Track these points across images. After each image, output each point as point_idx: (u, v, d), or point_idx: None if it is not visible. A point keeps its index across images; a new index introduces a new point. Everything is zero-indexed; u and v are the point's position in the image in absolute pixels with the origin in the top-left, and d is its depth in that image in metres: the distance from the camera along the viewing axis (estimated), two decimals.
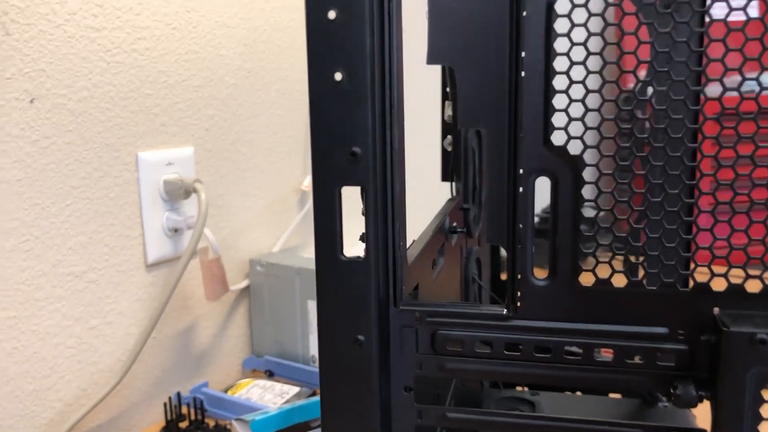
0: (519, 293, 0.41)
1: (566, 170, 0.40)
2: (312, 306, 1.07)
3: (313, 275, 1.13)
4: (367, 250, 0.41)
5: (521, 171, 0.41)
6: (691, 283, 0.40)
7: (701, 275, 0.39)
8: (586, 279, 0.41)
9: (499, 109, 0.40)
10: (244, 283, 1.13)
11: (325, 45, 0.38)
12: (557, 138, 0.40)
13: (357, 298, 0.40)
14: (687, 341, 0.39)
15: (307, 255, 1.14)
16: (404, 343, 0.42)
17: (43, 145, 0.84)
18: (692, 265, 0.40)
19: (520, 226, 0.41)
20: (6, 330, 0.81)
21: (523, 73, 0.40)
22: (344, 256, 0.41)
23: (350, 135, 0.39)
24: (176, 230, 0.99)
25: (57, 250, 0.86)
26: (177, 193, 0.97)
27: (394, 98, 0.40)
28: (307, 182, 1.22)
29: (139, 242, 0.96)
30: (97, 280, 0.91)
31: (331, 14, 0.38)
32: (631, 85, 0.40)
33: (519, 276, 0.41)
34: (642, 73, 0.39)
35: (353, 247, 0.41)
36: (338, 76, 0.38)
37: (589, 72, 0.39)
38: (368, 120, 0.39)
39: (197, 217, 0.95)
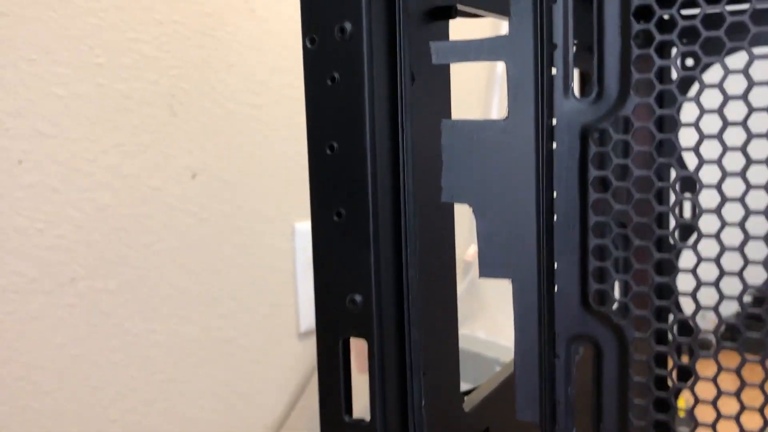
0: None
1: (611, 339, 0.31)
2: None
3: (474, 359, 1.07)
4: (372, 412, 0.35)
5: (557, 334, 0.32)
6: None
7: None
8: None
9: (527, 259, 0.32)
10: None
11: (326, 177, 0.34)
12: (598, 297, 0.31)
13: None
14: None
15: (465, 331, 1.08)
16: None
17: (202, 216, 0.88)
18: None
19: (559, 402, 0.32)
20: (160, 391, 0.85)
21: (555, 217, 0.32)
22: (349, 417, 0.36)
23: (351, 279, 0.34)
24: None
25: (208, 315, 0.89)
26: None
27: (410, 237, 0.34)
28: (472, 251, 1.16)
29: (292, 311, 0.97)
30: (247, 346, 0.93)
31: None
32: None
33: None
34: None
35: None
36: (337, 213, 0.34)
37: (635, 218, 0.30)
38: (370, 262, 0.33)
39: None
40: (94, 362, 0.82)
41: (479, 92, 1.34)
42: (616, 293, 0.31)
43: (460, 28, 0.38)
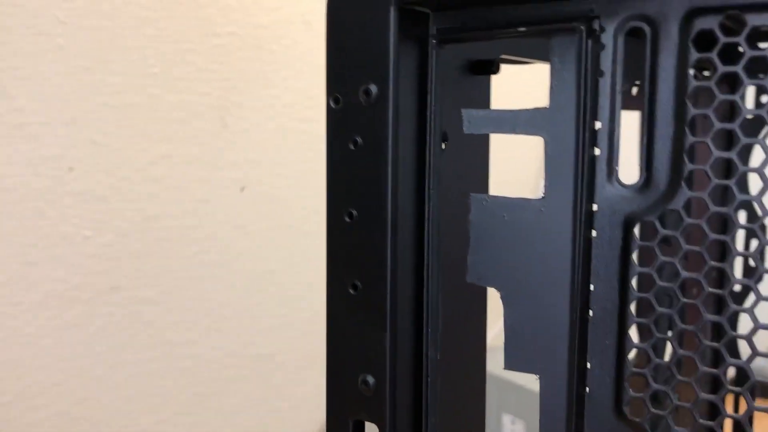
0: None
1: None
2: (507, 420, 0.97)
3: (512, 387, 1.03)
4: None
5: None
6: None
7: None
8: None
9: (557, 356, 0.29)
10: None
11: (343, 246, 0.31)
12: (635, 405, 0.28)
13: None
14: None
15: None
16: None
17: (248, 230, 0.87)
18: None
19: None
20: (193, 403, 0.85)
21: (590, 312, 0.28)
22: None
23: (364, 359, 0.31)
24: None
25: (248, 330, 0.89)
26: None
27: (432, 315, 0.31)
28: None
29: None
30: (284, 363, 0.92)
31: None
32: None
33: None
34: None
35: None
36: (353, 285, 0.31)
37: (680, 325, 0.26)
38: (386, 342, 0.31)
39: None
40: (131, 371, 0.82)
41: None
42: (655, 403, 0.27)
43: None
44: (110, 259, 0.79)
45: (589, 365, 0.28)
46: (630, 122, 0.30)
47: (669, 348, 0.27)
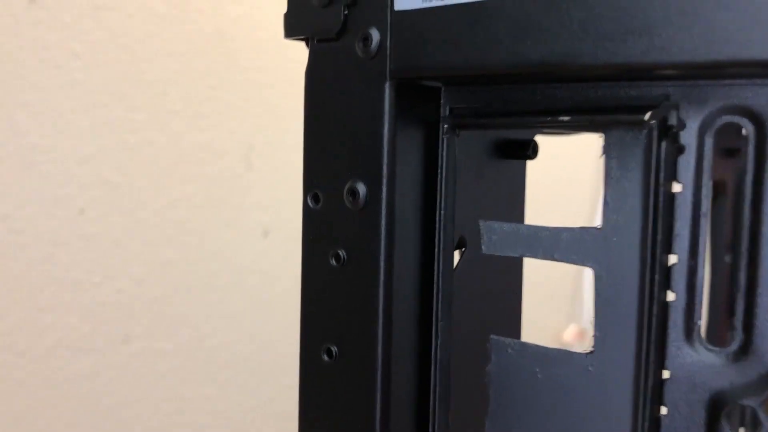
0: None
1: None
2: None
3: None
4: None
5: None
6: None
7: None
8: None
9: None
10: None
11: (318, 392, 0.24)
12: None
13: None
14: None
15: None
16: None
17: (272, 277, 0.81)
18: None
19: None
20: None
21: None
22: None
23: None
24: None
25: (271, 386, 0.83)
26: None
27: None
28: (571, 331, 1.02)
29: None
30: None
31: None
32: None
33: None
34: None
35: None
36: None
37: None
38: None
39: None
40: (145, 426, 0.77)
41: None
42: None
43: None
44: (123, 307, 0.74)
45: None
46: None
47: None
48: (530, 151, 0.25)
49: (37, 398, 0.70)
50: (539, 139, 0.25)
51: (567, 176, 1.03)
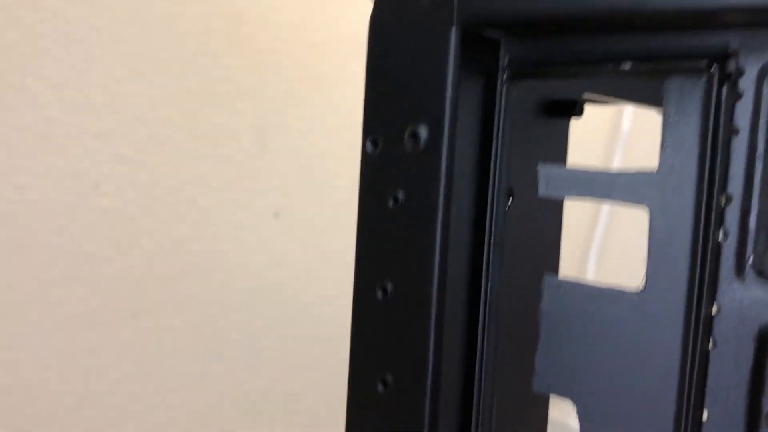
0: None
1: None
2: None
3: None
4: None
5: None
6: None
7: None
8: None
9: None
10: None
11: (372, 329, 0.25)
12: None
13: None
14: None
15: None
16: None
17: (281, 260, 0.82)
18: None
19: None
20: None
21: None
22: None
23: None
24: None
25: (277, 367, 0.83)
26: None
27: (482, 430, 0.24)
28: None
29: None
30: (314, 405, 0.86)
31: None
32: None
33: None
34: None
35: None
36: (382, 382, 0.24)
37: None
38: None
39: None
40: (149, 403, 0.77)
41: (594, 149, 1.21)
42: None
43: None
44: (133, 283, 0.74)
45: None
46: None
47: None
48: (577, 110, 0.26)
49: (45, 370, 0.70)
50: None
51: None
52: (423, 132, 0.22)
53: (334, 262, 0.84)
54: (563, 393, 0.22)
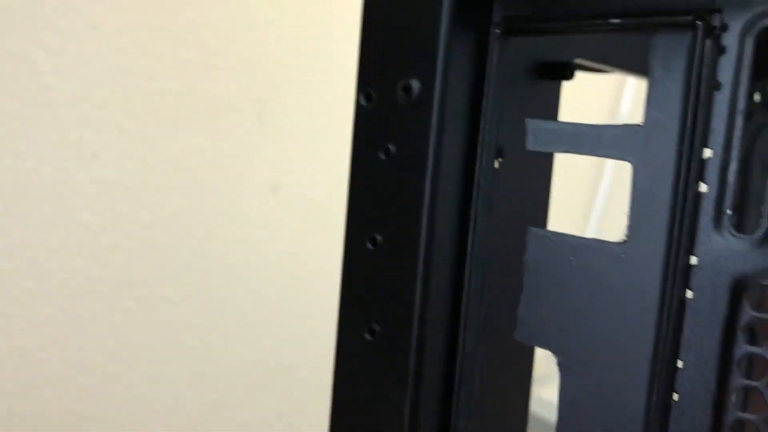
0: None
1: None
2: None
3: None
4: None
5: None
6: None
7: None
8: None
9: None
10: None
11: (361, 278, 0.25)
12: None
13: None
14: None
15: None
16: None
17: (278, 234, 0.82)
18: None
19: None
20: (206, 412, 0.80)
21: (675, 396, 0.22)
22: None
23: (375, 427, 0.25)
24: None
25: (272, 339, 0.84)
26: None
27: (465, 377, 0.25)
28: None
29: None
30: (308, 377, 0.87)
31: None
32: None
33: None
34: None
35: None
36: (370, 330, 0.25)
37: None
38: (405, 406, 0.25)
39: None
40: (144, 371, 0.78)
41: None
42: None
43: None
44: (130, 253, 0.75)
45: None
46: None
47: None
48: (568, 72, 0.26)
49: (41, 337, 0.71)
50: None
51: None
52: (415, 85, 0.22)
53: (331, 236, 0.84)
54: (544, 343, 0.23)
